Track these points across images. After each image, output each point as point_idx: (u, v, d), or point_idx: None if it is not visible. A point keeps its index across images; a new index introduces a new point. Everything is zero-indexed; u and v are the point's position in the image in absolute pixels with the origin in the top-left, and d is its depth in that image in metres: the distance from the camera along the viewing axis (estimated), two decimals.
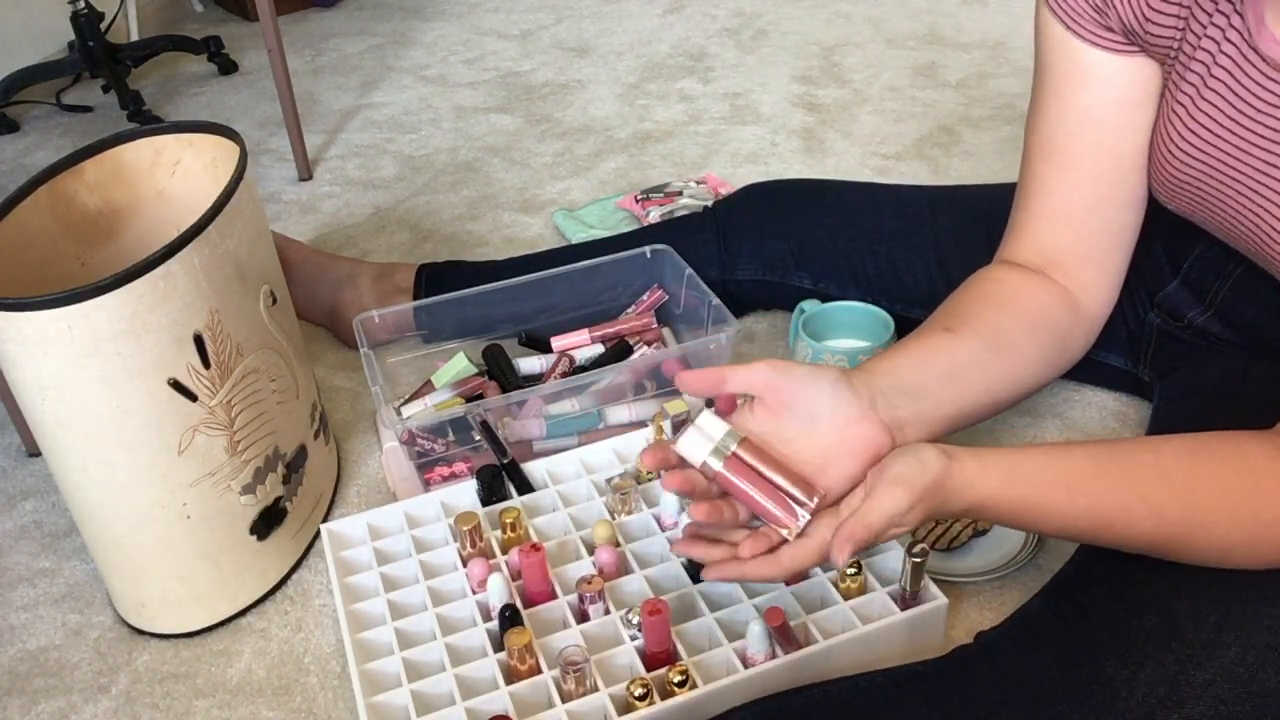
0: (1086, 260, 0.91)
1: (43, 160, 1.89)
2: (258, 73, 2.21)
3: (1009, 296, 0.90)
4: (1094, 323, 0.94)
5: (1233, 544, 0.72)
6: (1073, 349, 0.94)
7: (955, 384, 0.84)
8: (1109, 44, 0.84)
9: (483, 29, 2.34)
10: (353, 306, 1.30)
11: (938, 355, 0.85)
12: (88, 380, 0.83)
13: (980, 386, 0.86)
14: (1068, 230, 0.91)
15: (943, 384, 0.84)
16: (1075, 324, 0.92)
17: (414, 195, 1.70)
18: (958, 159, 1.69)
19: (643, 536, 0.98)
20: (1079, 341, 0.94)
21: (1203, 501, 0.72)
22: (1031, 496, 0.74)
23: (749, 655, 0.84)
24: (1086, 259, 0.91)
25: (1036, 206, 0.92)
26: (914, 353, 0.85)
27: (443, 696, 0.85)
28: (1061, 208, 0.90)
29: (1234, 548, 0.72)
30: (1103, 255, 0.92)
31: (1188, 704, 0.69)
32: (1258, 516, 0.71)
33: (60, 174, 0.97)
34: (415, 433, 1.05)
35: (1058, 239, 0.91)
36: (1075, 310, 0.92)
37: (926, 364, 0.84)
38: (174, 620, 0.98)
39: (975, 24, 2.17)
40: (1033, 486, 0.74)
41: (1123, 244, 0.92)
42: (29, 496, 1.17)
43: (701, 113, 1.90)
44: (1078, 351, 0.95)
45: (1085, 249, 0.91)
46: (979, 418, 0.88)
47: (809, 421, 0.77)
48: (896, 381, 0.81)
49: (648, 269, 1.25)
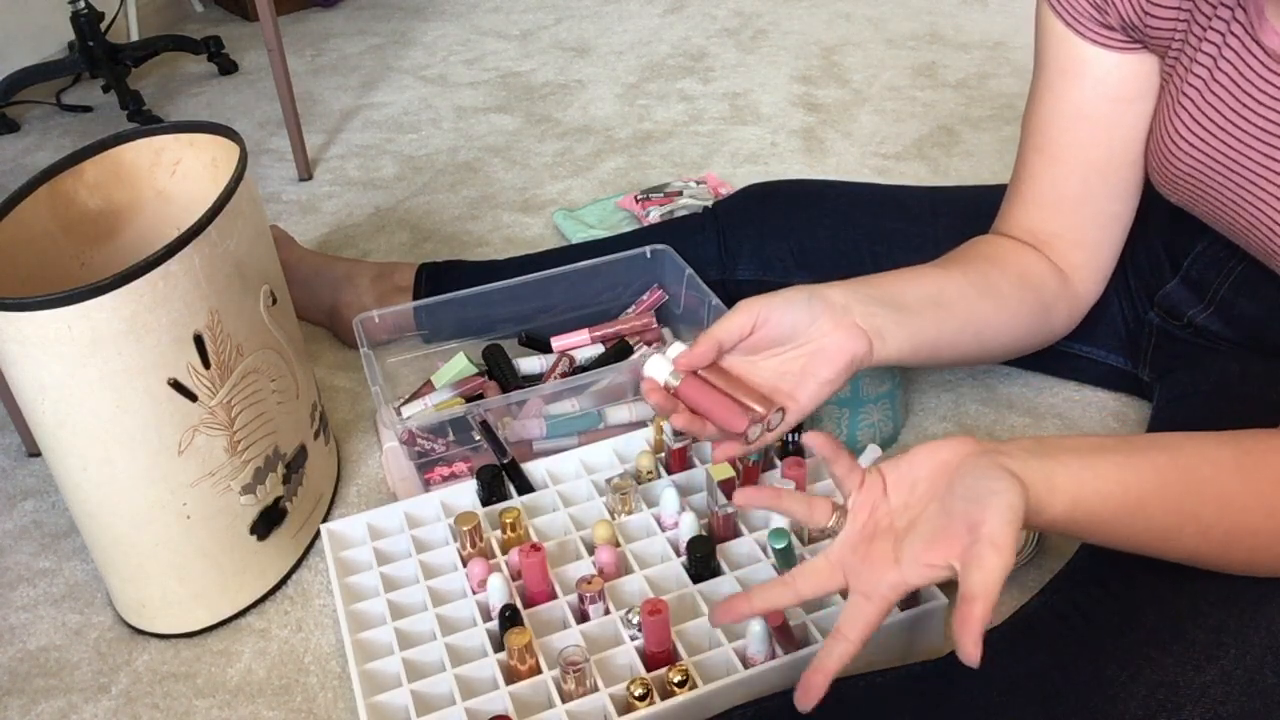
0: (1076, 245, 0.94)
1: (43, 160, 1.89)
2: (258, 73, 2.21)
3: (1001, 255, 0.94)
4: (1081, 303, 0.97)
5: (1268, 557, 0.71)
6: (1056, 319, 0.96)
7: (937, 308, 0.87)
8: (1107, 41, 0.85)
9: (483, 29, 2.34)
10: (352, 306, 1.30)
11: (922, 279, 0.88)
12: (88, 380, 0.83)
13: (962, 317, 0.88)
14: (1057, 217, 0.93)
15: (924, 304, 0.86)
16: (1062, 294, 0.95)
17: (414, 195, 1.70)
18: (958, 159, 1.69)
19: (643, 536, 0.98)
20: (1063, 314, 0.96)
21: (1249, 522, 0.70)
22: (1093, 524, 0.69)
23: (749, 655, 0.84)
24: (1076, 244, 0.94)
25: (1027, 193, 0.95)
26: (900, 274, 0.89)
27: (443, 696, 0.85)
28: (1051, 197, 0.93)
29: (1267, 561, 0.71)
30: (1093, 242, 0.94)
31: (1187, 705, 0.69)
32: None
33: (60, 174, 0.97)
34: (415, 433, 1.05)
35: (1047, 224, 0.94)
36: (1064, 283, 0.94)
37: (910, 284, 0.87)
38: (174, 620, 0.98)
39: (975, 24, 2.17)
40: (1096, 515, 0.69)
41: (1113, 233, 0.94)
42: (29, 496, 1.17)
43: (701, 113, 1.90)
44: (1061, 325, 0.97)
45: (1075, 235, 0.94)
46: (960, 354, 0.90)
47: (789, 340, 0.81)
48: (876, 291, 0.84)
49: (648, 269, 1.25)
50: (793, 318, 0.81)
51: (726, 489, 0.94)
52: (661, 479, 1.03)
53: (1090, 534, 0.71)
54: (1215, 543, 0.70)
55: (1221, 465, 0.71)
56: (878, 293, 0.84)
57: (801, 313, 0.81)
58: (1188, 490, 0.70)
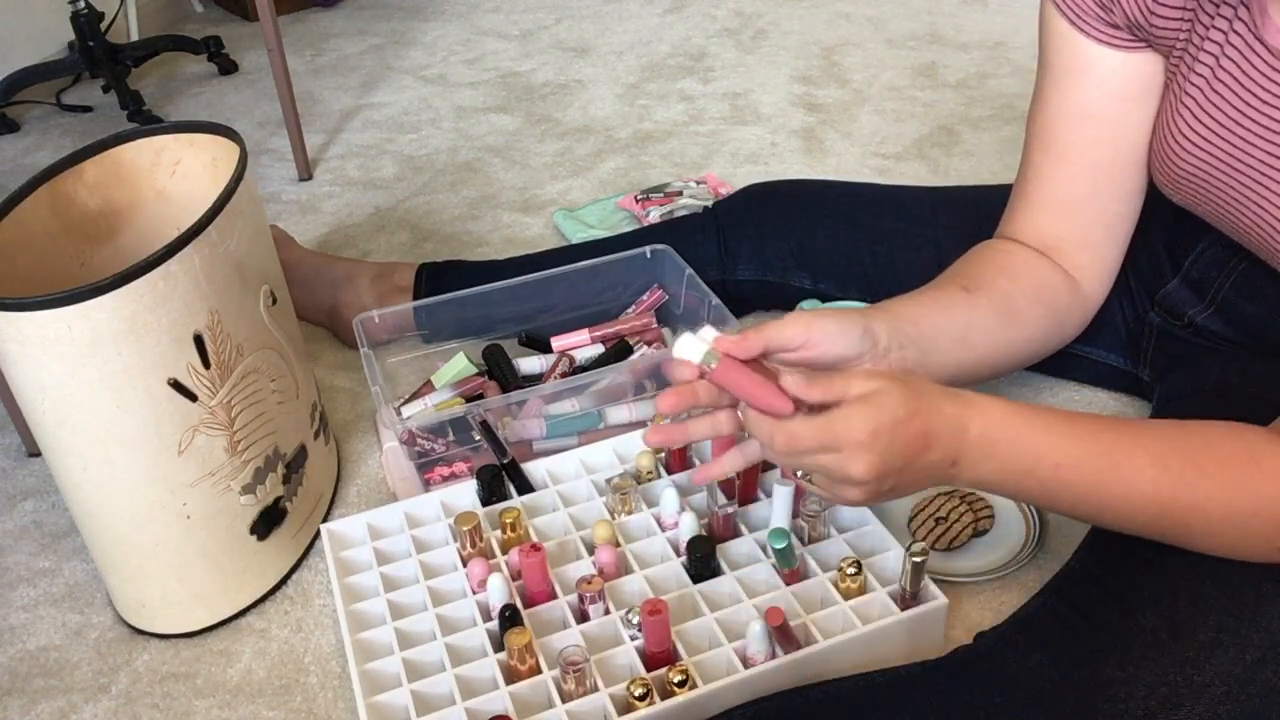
0: (1082, 247, 0.94)
1: (43, 160, 1.89)
2: (258, 73, 2.21)
3: (1018, 268, 0.93)
4: (1090, 306, 0.97)
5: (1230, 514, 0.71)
6: (1068, 328, 0.97)
7: (963, 345, 0.88)
8: (1112, 40, 0.85)
9: (483, 29, 2.34)
10: (352, 306, 1.30)
11: (954, 313, 0.89)
12: (88, 380, 0.83)
13: (982, 351, 0.90)
14: (1063, 219, 0.93)
15: (952, 342, 0.87)
16: (1074, 303, 0.95)
17: (414, 195, 1.70)
18: (958, 159, 1.69)
19: (643, 536, 0.98)
20: (1075, 322, 0.97)
21: (1201, 462, 0.71)
22: (1035, 419, 0.72)
23: (749, 655, 0.84)
24: (1082, 245, 0.94)
25: (1034, 194, 0.94)
26: (934, 307, 0.88)
27: (443, 696, 0.85)
28: (1058, 198, 0.92)
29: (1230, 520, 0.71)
30: (1099, 243, 0.94)
31: (1186, 705, 0.69)
32: (1257, 492, 0.70)
33: (60, 174, 0.97)
34: (415, 433, 1.05)
35: (1053, 226, 0.94)
36: (1074, 290, 0.95)
37: (943, 321, 0.87)
38: (174, 620, 0.98)
39: (975, 24, 2.17)
40: (1034, 412, 0.73)
41: (1118, 233, 0.94)
42: (29, 496, 1.17)
43: (701, 113, 1.90)
44: (1072, 332, 0.98)
45: (1081, 236, 0.94)
46: (970, 379, 0.91)
47: (825, 367, 0.79)
48: (915, 331, 0.84)
49: (648, 269, 1.25)
50: (840, 352, 0.78)
51: (726, 489, 0.94)
52: (661, 479, 1.03)
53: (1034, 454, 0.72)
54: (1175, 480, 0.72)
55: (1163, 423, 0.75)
56: (913, 331, 0.84)
57: (851, 350, 0.79)
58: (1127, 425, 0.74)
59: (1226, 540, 0.73)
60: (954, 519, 0.99)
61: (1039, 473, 0.73)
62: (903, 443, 0.69)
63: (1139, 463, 0.72)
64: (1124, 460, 0.72)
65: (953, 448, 0.71)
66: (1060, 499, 0.74)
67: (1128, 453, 0.72)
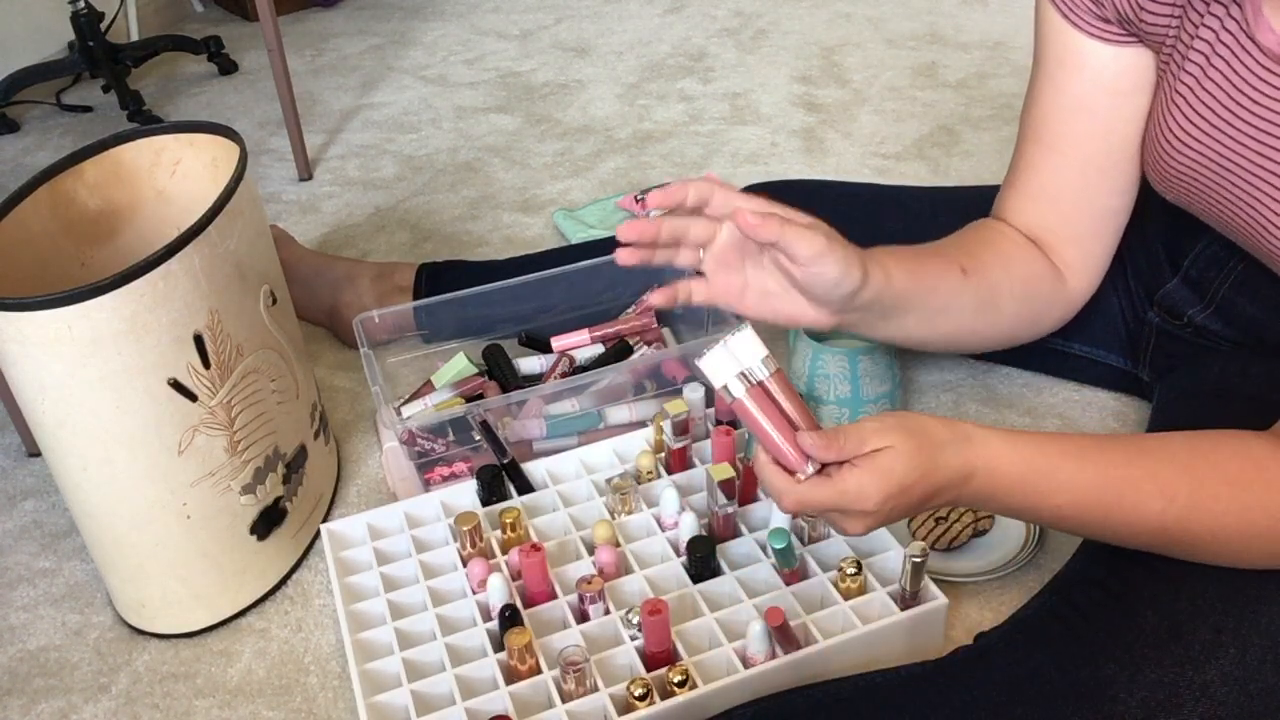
0: (1070, 241, 0.94)
1: (43, 160, 1.89)
2: (258, 73, 2.21)
3: (1013, 256, 0.93)
4: (1073, 303, 0.97)
5: (1239, 535, 0.72)
6: (1044, 323, 0.98)
7: (937, 317, 0.89)
8: (1104, 34, 0.85)
9: (483, 29, 2.34)
10: (352, 306, 1.30)
11: (940, 294, 0.89)
12: (88, 380, 0.83)
13: (949, 329, 0.91)
14: (1053, 211, 0.93)
15: (930, 312, 0.88)
16: (1055, 300, 0.96)
17: (414, 195, 1.70)
18: (958, 159, 1.69)
19: (643, 536, 0.98)
20: (1054, 318, 0.98)
21: (1210, 487, 0.72)
22: (1038, 461, 0.73)
23: (749, 655, 0.84)
24: (1070, 240, 0.94)
25: (1024, 186, 0.94)
26: (929, 274, 0.88)
27: (443, 696, 0.85)
28: (1048, 190, 0.93)
29: (1239, 539, 0.72)
30: (1088, 238, 0.94)
31: (1186, 705, 0.69)
32: (1265, 508, 0.71)
33: (60, 174, 0.97)
34: (415, 433, 1.05)
35: (1043, 218, 0.94)
36: (1059, 286, 0.95)
37: (931, 291, 0.88)
38: (174, 620, 0.98)
39: (975, 24, 2.17)
40: (1039, 451, 0.73)
41: (1108, 228, 0.94)
42: (29, 496, 1.17)
43: (701, 113, 1.90)
44: (1049, 327, 0.99)
45: (1070, 230, 0.94)
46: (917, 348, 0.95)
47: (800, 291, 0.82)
48: (902, 292, 0.85)
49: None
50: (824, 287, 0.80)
51: (727, 489, 0.94)
52: (661, 479, 1.03)
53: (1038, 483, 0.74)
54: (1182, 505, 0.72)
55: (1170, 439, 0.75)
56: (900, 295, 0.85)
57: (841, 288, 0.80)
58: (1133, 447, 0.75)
59: (1234, 553, 0.73)
60: (954, 519, 0.99)
61: (1042, 513, 0.75)
62: (908, 504, 0.72)
63: (1145, 496, 0.72)
64: (1129, 493, 0.73)
65: (954, 495, 0.74)
66: (1064, 528, 0.77)
67: (1134, 486, 0.73)
